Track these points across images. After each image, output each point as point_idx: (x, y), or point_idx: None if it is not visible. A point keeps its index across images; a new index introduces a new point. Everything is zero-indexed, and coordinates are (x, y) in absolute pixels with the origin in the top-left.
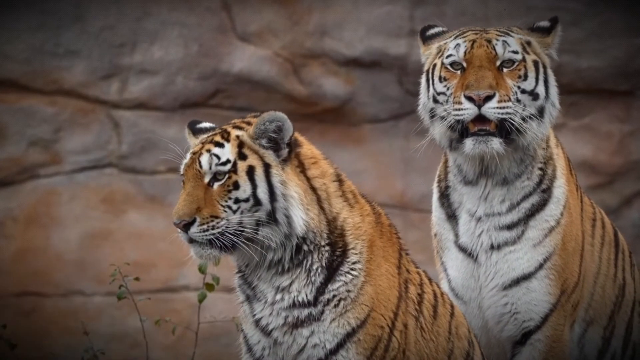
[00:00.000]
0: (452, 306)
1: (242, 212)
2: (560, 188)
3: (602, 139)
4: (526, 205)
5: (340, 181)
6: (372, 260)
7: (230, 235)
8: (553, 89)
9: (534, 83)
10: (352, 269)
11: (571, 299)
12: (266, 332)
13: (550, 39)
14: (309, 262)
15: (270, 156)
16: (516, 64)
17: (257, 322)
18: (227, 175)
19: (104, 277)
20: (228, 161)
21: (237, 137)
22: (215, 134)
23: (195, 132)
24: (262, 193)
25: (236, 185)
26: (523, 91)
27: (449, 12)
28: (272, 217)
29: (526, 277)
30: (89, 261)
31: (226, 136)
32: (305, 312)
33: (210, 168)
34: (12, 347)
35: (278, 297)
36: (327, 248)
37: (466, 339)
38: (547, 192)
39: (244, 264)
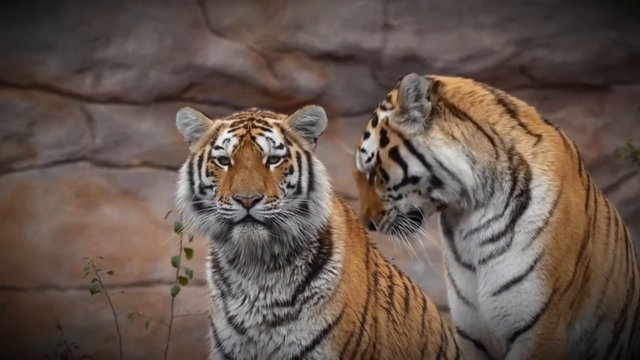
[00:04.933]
0: (424, 300)
1: (286, 198)
2: (542, 186)
3: (576, 133)
4: (507, 212)
5: None
6: (345, 257)
7: (282, 218)
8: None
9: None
10: (334, 267)
11: (565, 297)
12: (241, 329)
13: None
14: (297, 260)
15: (308, 145)
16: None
17: (230, 319)
18: (283, 159)
19: (78, 271)
20: (282, 145)
21: (277, 124)
22: (250, 120)
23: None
24: (304, 181)
25: (291, 170)
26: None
27: (423, 7)
28: (303, 207)
29: (516, 281)
30: (63, 255)
31: (264, 122)
32: (284, 311)
33: (269, 151)
34: None
35: (261, 295)
36: (315, 245)
37: (439, 333)
38: (523, 195)
39: (228, 258)
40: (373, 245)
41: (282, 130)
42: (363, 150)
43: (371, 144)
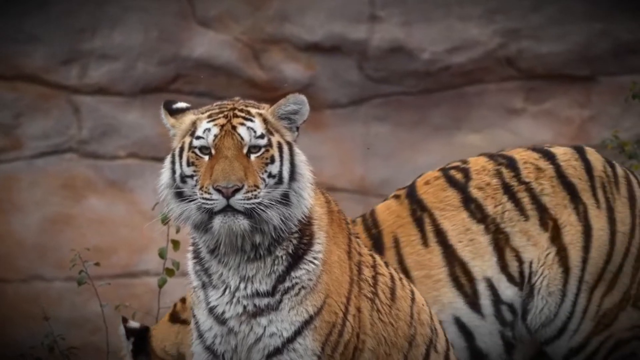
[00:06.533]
0: (412, 291)
1: (267, 188)
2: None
3: (563, 124)
4: None
5: None
6: (326, 248)
7: (263, 208)
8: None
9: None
10: (314, 258)
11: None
12: (221, 320)
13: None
14: (276, 250)
15: (290, 136)
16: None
17: (211, 310)
18: (264, 149)
19: (64, 263)
20: (263, 135)
21: (260, 114)
22: (232, 110)
23: (172, 112)
24: (286, 172)
25: (272, 159)
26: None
27: None
28: (285, 197)
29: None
30: (49, 246)
31: (246, 112)
32: (265, 301)
33: (250, 140)
34: None
35: (242, 285)
36: (296, 235)
37: (428, 325)
38: None
39: (209, 248)
40: (356, 235)
41: (265, 120)
42: None
43: None
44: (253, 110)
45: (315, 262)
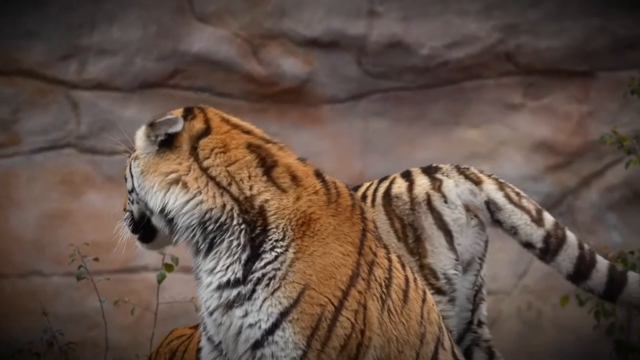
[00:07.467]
0: (424, 292)
1: (137, 203)
2: None
3: (561, 120)
4: None
5: (268, 167)
6: (307, 237)
7: (133, 222)
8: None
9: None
10: (274, 247)
11: None
12: (209, 312)
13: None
14: (224, 241)
15: (139, 149)
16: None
17: (204, 303)
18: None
19: (62, 258)
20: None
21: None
22: None
23: None
24: (136, 184)
25: (125, 178)
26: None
27: None
28: (145, 204)
29: None
30: (47, 242)
31: None
32: (235, 291)
33: None
34: None
35: (209, 279)
36: (243, 226)
37: (436, 324)
38: None
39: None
40: (372, 232)
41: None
42: None
43: None
44: None
45: (277, 250)
